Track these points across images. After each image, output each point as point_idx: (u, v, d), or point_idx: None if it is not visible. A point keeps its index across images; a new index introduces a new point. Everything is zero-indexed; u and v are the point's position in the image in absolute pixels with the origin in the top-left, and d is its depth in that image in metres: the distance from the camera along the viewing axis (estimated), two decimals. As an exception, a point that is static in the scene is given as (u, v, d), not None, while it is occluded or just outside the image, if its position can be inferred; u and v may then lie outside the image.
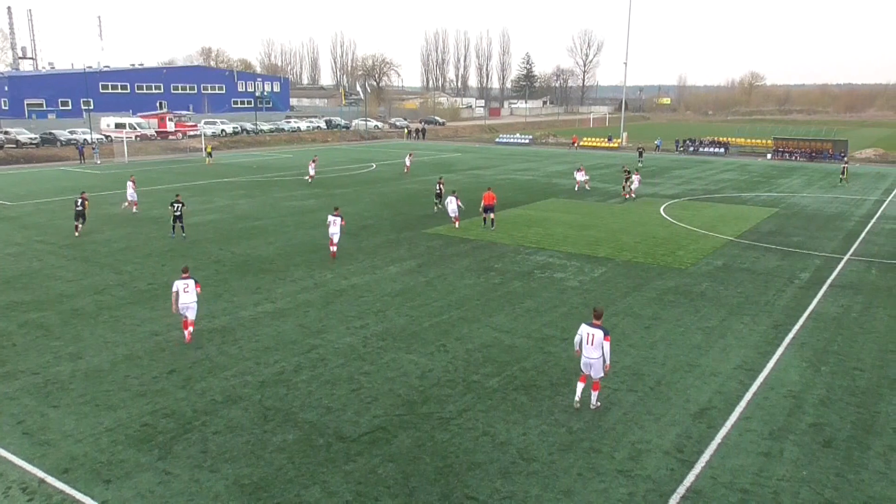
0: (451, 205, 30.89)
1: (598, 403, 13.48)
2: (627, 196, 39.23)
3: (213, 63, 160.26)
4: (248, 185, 44.75)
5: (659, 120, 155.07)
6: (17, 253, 25.48)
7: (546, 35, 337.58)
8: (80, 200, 29.08)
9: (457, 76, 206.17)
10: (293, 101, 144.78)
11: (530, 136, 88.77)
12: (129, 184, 34.48)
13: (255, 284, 21.30)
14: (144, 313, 18.56)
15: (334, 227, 24.46)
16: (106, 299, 19.79)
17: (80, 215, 28.87)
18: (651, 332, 17.36)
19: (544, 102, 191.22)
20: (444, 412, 13.19)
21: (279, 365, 15.25)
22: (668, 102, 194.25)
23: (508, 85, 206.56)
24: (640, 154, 63.47)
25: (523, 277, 22.31)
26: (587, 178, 43.83)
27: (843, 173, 48.03)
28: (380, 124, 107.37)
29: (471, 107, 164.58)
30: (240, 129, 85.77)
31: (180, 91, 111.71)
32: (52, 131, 69.03)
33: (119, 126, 72.52)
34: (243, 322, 17.90)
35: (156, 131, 75.60)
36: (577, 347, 13.39)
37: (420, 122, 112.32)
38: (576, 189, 42.91)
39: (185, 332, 16.55)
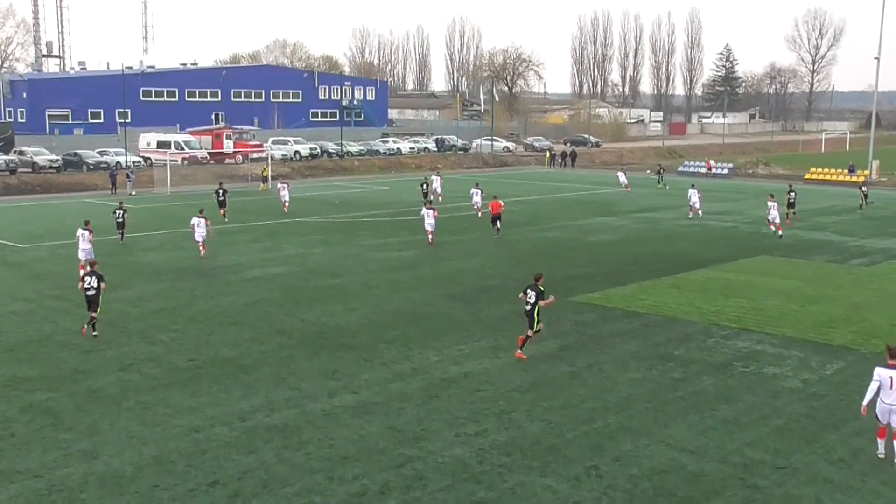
0: (476, 197, 49.71)
1: None
2: (781, 226, 44.21)
3: (287, 61, 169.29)
4: (327, 228, 46.33)
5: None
6: (24, 311, 27.42)
7: (755, 19, 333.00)
8: (220, 191, 47.40)
9: (623, 78, 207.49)
10: (393, 114, 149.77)
11: (730, 165, 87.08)
12: (283, 185, 52.96)
13: (330, 366, 21.78)
14: (182, 400, 19.37)
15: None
16: (133, 378, 20.83)
17: (222, 204, 46.84)
18: (917, 465, 16.24)
19: (752, 116, 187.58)
20: (595, 567, 12.80)
21: (360, 482, 15.40)
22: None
23: (698, 91, 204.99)
24: (660, 176, 72.27)
25: (717, 371, 21.66)
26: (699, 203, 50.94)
27: (863, 198, 56.95)
28: (511, 146, 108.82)
29: (643, 121, 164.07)
30: (319, 150, 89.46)
31: (243, 99, 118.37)
32: (78, 151, 74.77)
33: (162, 145, 77.49)
34: (313, 418, 18.30)
35: (208, 152, 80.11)
36: (866, 401, 15.85)
37: (566, 143, 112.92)
38: (689, 216, 50.04)
39: (202, 251, 35.15)
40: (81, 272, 29.91)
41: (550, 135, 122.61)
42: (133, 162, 73.31)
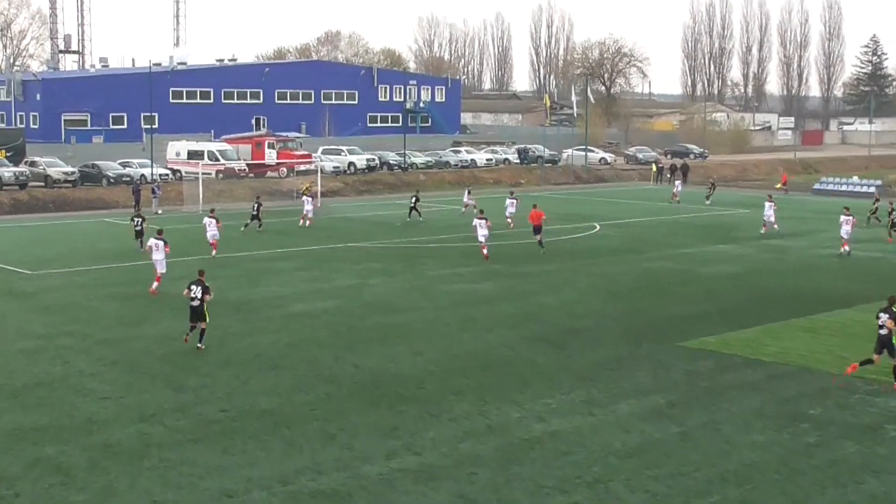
0: (511, 207, 54.79)
1: None
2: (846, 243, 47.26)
3: (341, 56, 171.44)
4: (387, 255, 46.62)
5: None
6: (33, 350, 27.99)
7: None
8: (255, 205, 53.90)
9: (745, 76, 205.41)
10: (466, 118, 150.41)
11: (878, 182, 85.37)
12: (307, 198, 57.77)
13: (389, 422, 21.79)
14: (212, 458, 19.53)
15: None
16: (156, 432, 21.08)
17: (256, 217, 52.91)
18: None
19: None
20: None
21: (423, 563, 15.32)
22: None
23: (838, 92, 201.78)
24: (711, 190, 75.59)
25: (863, 436, 21.18)
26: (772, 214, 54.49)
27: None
28: (609, 157, 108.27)
29: (769, 128, 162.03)
30: (377, 162, 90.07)
31: (288, 101, 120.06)
32: (97, 162, 76.37)
33: (193, 155, 78.78)
34: (367, 484, 18.31)
35: (247, 164, 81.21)
36: None
37: (666, 154, 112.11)
38: (762, 231, 54.37)
39: (213, 251, 43.79)
40: (156, 284, 36.00)
41: (657, 144, 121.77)
42: (160, 175, 74.60)
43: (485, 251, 44.14)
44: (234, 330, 30.52)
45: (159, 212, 63.18)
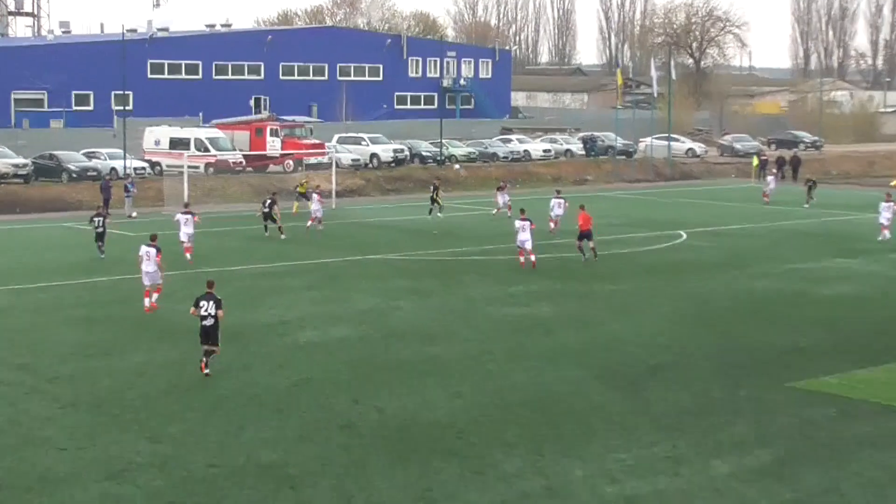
0: (557, 209, 56.72)
1: None
2: None
3: (361, 22, 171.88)
4: (418, 271, 46.64)
5: None
6: (-27, 387, 28.05)
7: None
8: (268, 201, 54.83)
9: (873, 45, 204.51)
10: (518, 99, 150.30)
11: None
12: (315, 195, 58.81)
13: (421, 481, 21.64)
14: (197, 526, 19.45)
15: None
16: (126, 492, 20.96)
17: (269, 216, 54.17)
18: None
19: None
20: None
21: None
22: None
23: None
24: (810, 189, 75.56)
25: None
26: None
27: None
28: (699, 147, 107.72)
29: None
30: (407, 153, 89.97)
31: (296, 76, 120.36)
32: (56, 153, 76.69)
33: (177, 144, 78.98)
34: (393, 561, 18.17)
35: (244, 155, 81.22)
36: None
37: (769, 144, 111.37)
38: (879, 238, 54.80)
39: (188, 256, 46.71)
40: (147, 300, 36.92)
41: (760, 131, 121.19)
42: (135, 169, 74.78)
43: (532, 258, 45.79)
44: (228, 363, 30.40)
45: (133, 214, 63.42)
